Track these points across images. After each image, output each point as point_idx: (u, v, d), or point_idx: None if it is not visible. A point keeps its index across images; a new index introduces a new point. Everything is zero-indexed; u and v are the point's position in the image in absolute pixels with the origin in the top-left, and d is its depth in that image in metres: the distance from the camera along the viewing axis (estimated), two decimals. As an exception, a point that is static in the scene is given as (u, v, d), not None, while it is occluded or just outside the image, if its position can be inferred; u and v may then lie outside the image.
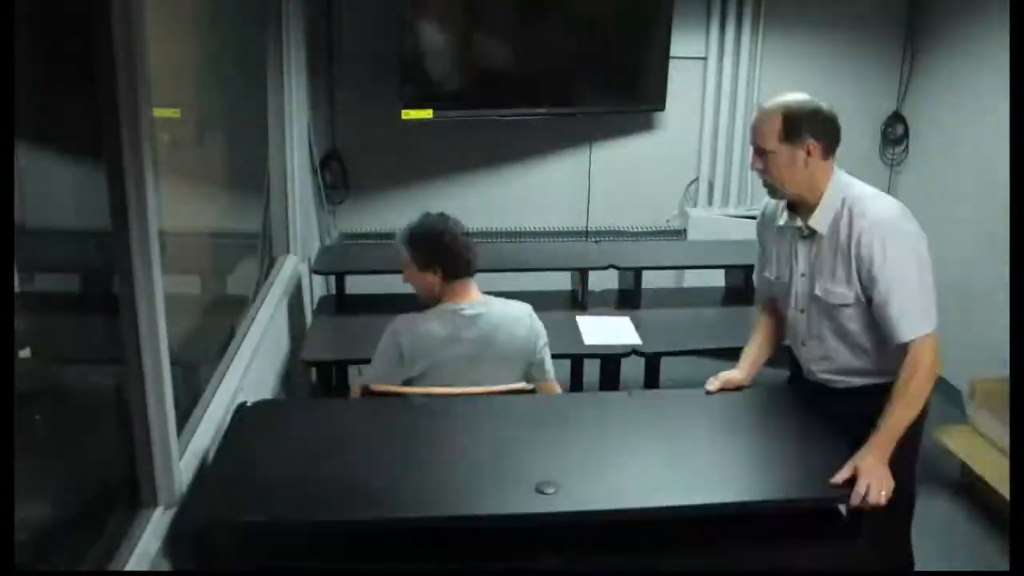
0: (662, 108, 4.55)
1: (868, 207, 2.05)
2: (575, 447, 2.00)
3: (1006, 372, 2.17)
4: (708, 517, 1.86)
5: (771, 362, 2.37)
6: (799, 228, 2.13)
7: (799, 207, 2.13)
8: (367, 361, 2.95)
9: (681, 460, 1.96)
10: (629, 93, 4.59)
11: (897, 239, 2.00)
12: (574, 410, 2.30)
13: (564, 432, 2.09)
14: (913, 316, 2.00)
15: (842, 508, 1.92)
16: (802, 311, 2.18)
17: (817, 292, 2.11)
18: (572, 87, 4.51)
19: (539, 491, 1.78)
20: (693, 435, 2.10)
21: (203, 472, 2.00)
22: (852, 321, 2.08)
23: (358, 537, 1.85)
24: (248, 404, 2.18)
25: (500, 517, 1.77)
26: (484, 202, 4.55)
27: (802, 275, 2.15)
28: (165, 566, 1.69)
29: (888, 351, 2.06)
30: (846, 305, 2.07)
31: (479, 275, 2.42)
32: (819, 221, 2.08)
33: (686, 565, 1.82)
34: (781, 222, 2.19)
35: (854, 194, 2.10)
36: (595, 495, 1.81)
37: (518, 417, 2.18)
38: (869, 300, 2.03)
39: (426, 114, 4.26)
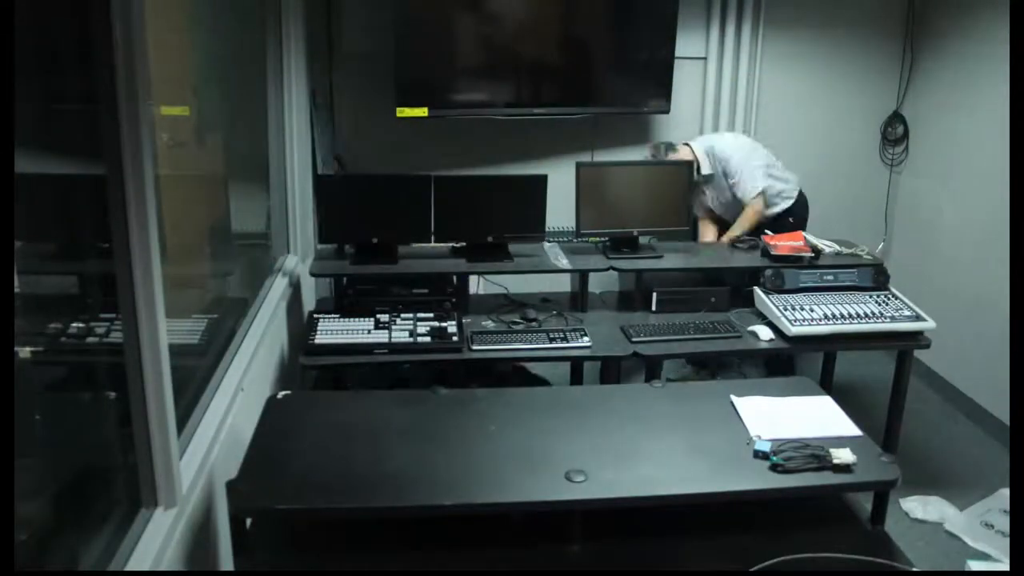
0: (667, 111, 4.55)
1: None
2: (603, 436, 2.05)
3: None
4: (730, 503, 1.93)
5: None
6: None
7: None
8: (365, 364, 2.96)
9: (704, 449, 2.01)
10: (633, 95, 4.58)
11: None
12: (601, 400, 2.34)
13: (592, 421, 2.14)
14: None
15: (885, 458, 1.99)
16: None
17: None
18: (573, 87, 4.51)
19: (568, 479, 1.83)
20: (718, 426, 2.13)
21: (208, 468, 2.01)
22: None
23: (390, 525, 1.90)
24: (279, 396, 2.21)
25: (532, 504, 1.81)
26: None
27: None
28: (165, 566, 1.69)
29: None
30: None
31: (478, 275, 2.42)
32: None
33: (709, 549, 1.88)
34: None
35: None
36: (623, 483, 1.86)
37: (545, 407, 2.22)
38: None
39: (421, 112, 4.26)
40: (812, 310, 3.08)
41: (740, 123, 4.69)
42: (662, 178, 3.63)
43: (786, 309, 3.08)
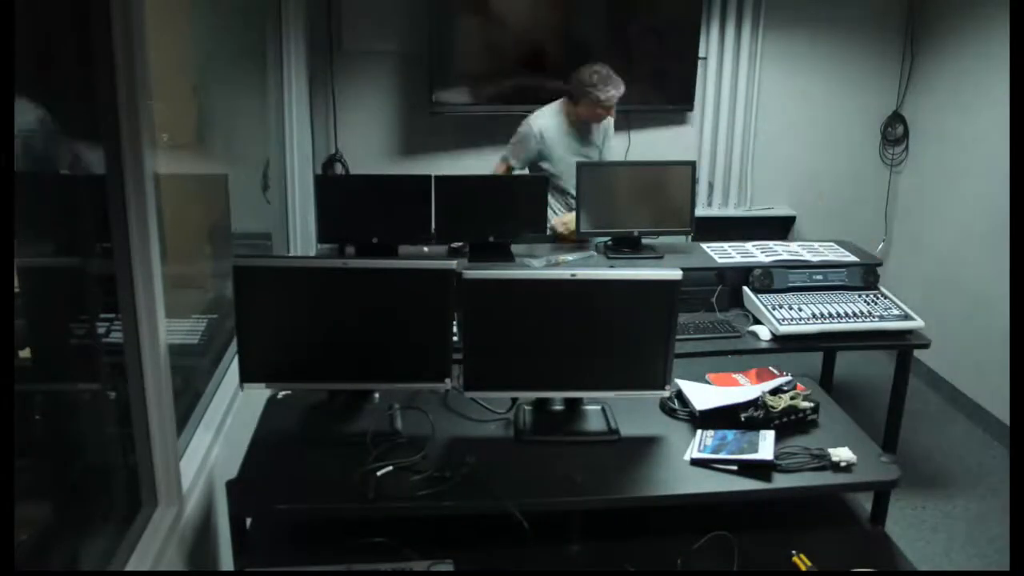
0: (690, 108, 4.57)
1: None
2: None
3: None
4: (730, 503, 1.95)
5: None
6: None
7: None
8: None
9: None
10: (656, 91, 4.58)
11: None
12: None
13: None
14: None
15: (885, 458, 2.00)
16: None
17: None
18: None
19: (569, 479, 1.83)
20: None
21: (208, 468, 2.01)
22: None
23: (390, 524, 1.88)
24: (279, 396, 2.20)
25: (532, 504, 1.81)
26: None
27: None
28: (165, 566, 1.69)
29: None
30: None
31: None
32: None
33: (710, 549, 1.87)
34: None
35: None
36: (622, 483, 1.89)
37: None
38: None
39: (445, 107, 4.36)
40: (800, 309, 3.08)
41: (740, 123, 4.70)
42: (664, 178, 3.63)
43: (775, 308, 3.08)
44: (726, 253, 3.50)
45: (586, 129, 3.70)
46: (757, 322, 3.13)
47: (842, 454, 1.94)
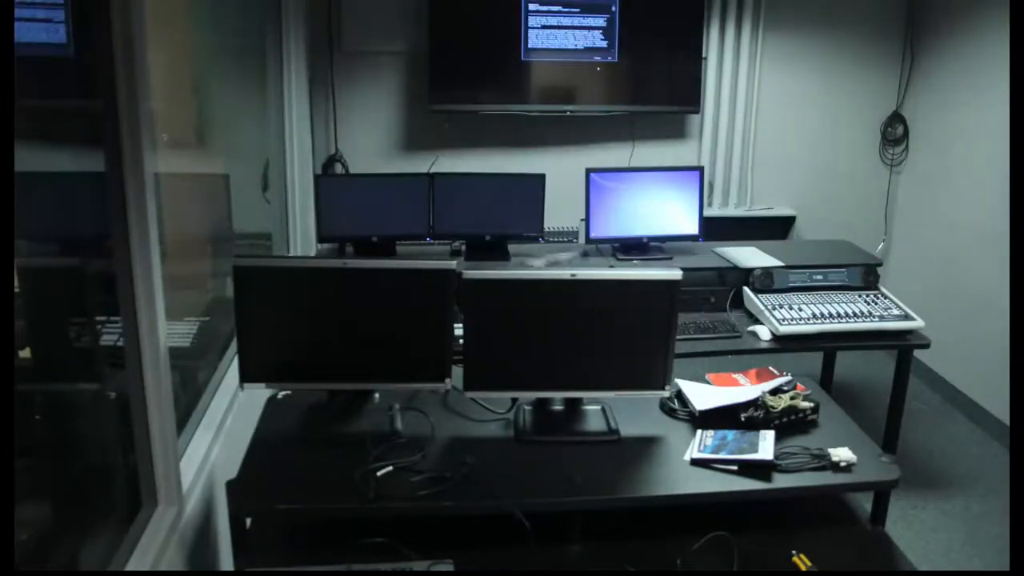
0: (696, 110, 4.57)
1: None
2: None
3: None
4: (729, 503, 1.95)
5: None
6: None
7: None
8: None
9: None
10: (661, 93, 4.58)
11: None
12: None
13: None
14: None
15: (885, 458, 1.99)
16: None
17: None
18: (607, 87, 4.52)
19: (569, 480, 1.84)
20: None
21: (208, 468, 2.01)
22: None
23: (390, 524, 1.89)
24: (279, 396, 2.20)
25: (533, 504, 1.81)
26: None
27: None
28: (165, 566, 1.69)
29: None
30: None
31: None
32: None
33: (710, 549, 1.87)
34: None
35: None
36: (622, 483, 1.88)
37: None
38: None
39: (452, 107, 4.36)
40: (801, 309, 3.08)
41: (740, 123, 4.70)
42: (672, 184, 3.64)
43: (775, 309, 3.08)
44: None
45: None
46: (757, 322, 3.13)
47: (842, 454, 1.94)
